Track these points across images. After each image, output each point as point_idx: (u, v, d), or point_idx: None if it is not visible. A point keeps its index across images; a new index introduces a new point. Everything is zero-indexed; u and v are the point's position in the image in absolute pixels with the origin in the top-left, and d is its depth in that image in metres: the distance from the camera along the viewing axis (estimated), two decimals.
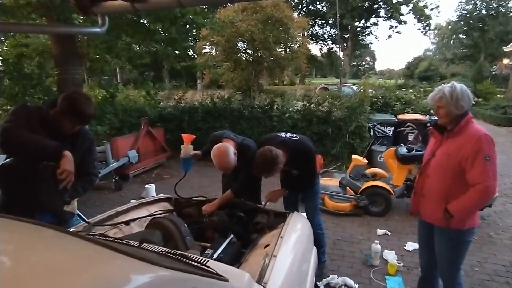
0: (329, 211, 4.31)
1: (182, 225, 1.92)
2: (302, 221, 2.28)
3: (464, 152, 1.82)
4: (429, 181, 2.03)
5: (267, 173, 2.26)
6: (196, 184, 6.01)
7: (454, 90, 1.86)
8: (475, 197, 1.81)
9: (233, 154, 2.38)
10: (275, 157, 2.23)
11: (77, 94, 1.88)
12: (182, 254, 1.28)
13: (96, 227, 2.09)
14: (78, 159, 1.97)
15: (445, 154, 1.92)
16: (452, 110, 1.87)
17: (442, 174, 1.95)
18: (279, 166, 2.27)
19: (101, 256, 0.95)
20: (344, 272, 3.01)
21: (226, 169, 2.43)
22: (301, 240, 2.03)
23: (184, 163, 2.68)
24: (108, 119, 7.19)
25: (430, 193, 2.03)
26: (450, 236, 1.98)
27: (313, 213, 2.79)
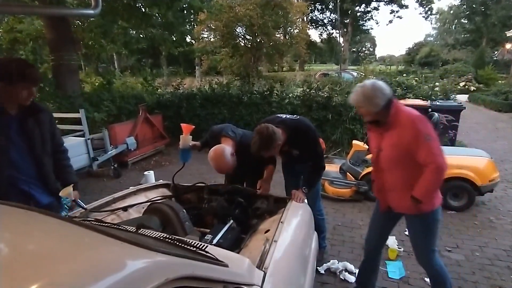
0: (329, 197, 4.29)
1: (180, 211, 1.89)
2: (303, 206, 2.24)
3: (405, 139, 1.84)
4: (387, 175, 2.04)
5: (265, 151, 2.18)
6: (196, 171, 5.97)
7: (365, 89, 1.88)
8: (431, 177, 1.83)
9: (230, 155, 2.29)
10: (272, 134, 2.16)
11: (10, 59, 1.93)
12: (180, 239, 1.24)
13: (93, 213, 2.05)
14: (50, 133, 2.07)
15: (390, 147, 1.93)
16: (371, 109, 1.90)
17: (397, 165, 1.96)
18: (277, 143, 2.19)
19: (94, 242, 0.90)
20: (344, 257, 3.00)
21: (224, 171, 2.38)
22: (302, 226, 1.99)
23: (183, 154, 2.63)
24: (105, 106, 7.09)
25: (393, 186, 2.03)
26: (423, 220, 2.01)
27: (314, 199, 2.76)
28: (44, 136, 2.04)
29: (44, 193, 2.06)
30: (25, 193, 1.96)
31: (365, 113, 1.96)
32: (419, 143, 1.80)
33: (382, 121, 1.94)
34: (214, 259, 1.14)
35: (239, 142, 2.46)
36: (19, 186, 1.94)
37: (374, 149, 2.10)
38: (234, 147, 2.39)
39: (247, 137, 2.55)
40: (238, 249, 1.75)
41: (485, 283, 2.65)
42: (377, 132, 2.05)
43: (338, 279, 2.73)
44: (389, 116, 1.90)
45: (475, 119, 10.54)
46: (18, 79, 1.76)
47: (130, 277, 0.69)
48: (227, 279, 1.10)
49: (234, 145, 2.40)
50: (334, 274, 2.78)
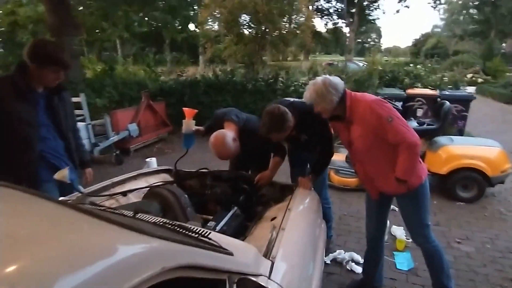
0: (335, 186, 4.19)
1: (182, 196, 1.79)
2: (311, 193, 2.14)
3: (370, 127, 1.81)
4: (367, 165, 1.99)
5: (275, 132, 2.06)
6: (199, 159, 5.86)
7: (317, 87, 1.85)
8: (407, 155, 1.79)
9: (232, 141, 2.17)
10: (284, 113, 2.05)
11: (44, 42, 1.92)
12: (180, 225, 1.14)
13: (91, 197, 1.96)
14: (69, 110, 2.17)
15: (359, 138, 1.89)
16: (326, 107, 1.87)
17: (372, 154, 1.91)
18: (288, 124, 2.08)
19: (84, 225, 0.80)
20: (351, 248, 2.91)
21: (226, 157, 2.24)
22: (310, 213, 1.89)
23: (186, 140, 2.52)
24: (107, 91, 6.99)
25: (376, 173, 1.99)
26: (413, 195, 1.96)
27: (320, 187, 2.65)
28: (67, 113, 2.14)
29: (71, 169, 2.09)
30: (55, 168, 1.99)
31: (322, 110, 1.91)
32: (384, 127, 1.77)
33: (342, 116, 1.90)
34: (218, 247, 1.04)
35: (243, 126, 2.34)
36: (50, 161, 2.01)
37: (345, 143, 2.04)
38: (237, 132, 2.27)
39: (252, 121, 2.43)
40: (243, 237, 1.66)
41: (497, 275, 2.56)
42: (342, 127, 2.00)
43: (344, 270, 2.64)
44: (346, 110, 1.86)
45: (483, 111, 10.31)
46: (51, 62, 1.83)
47: (118, 265, 0.59)
48: (232, 268, 1.00)
49: (237, 130, 2.29)
50: (340, 265, 2.70)
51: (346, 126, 1.94)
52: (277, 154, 2.40)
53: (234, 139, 2.19)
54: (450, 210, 3.62)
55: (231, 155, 2.22)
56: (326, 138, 2.32)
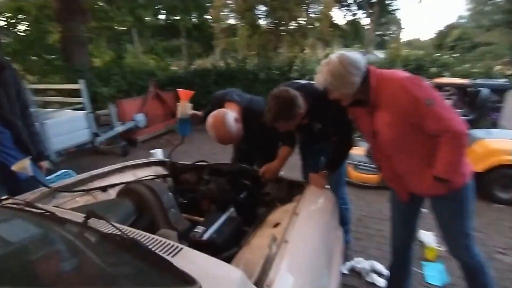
0: (353, 183, 3.77)
1: (164, 194, 1.45)
2: (324, 192, 1.76)
3: (402, 112, 1.42)
4: (395, 160, 1.59)
5: (283, 120, 1.69)
6: (208, 151, 5.59)
7: (333, 68, 1.44)
8: (450, 149, 1.40)
9: (234, 121, 1.84)
10: (294, 98, 1.67)
11: None
12: (133, 241, 0.79)
13: (61, 193, 1.65)
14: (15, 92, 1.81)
15: (387, 127, 1.49)
16: (345, 91, 1.48)
17: (403, 146, 1.51)
18: (298, 111, 1.70)
19: None
20: (371, 255, 2.52)
21: (226, 141, 1.89)
22: (323, 218, 1.51)
23: (181, 125, 2.19)
24: (115, 81, 6.76)
25: (407, 170, 1.59)
26: (454, 198, 1.56)
27: (337, 184, 2.26)
28: (10, 96, 1.79)
29: None
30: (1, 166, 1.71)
31: (340, 97, 1.53)
32: (421, 112, 1.38)
33: (364, 99, 1.50)
34: (178, 274, 0.68)
35: (246, 107, 2.00)
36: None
37: (368, 134, 1.63)
38: (240, 113, 1.93)
39: (257, 102, 2.06)
40: (238, 248, 1.31)
41: None
42: (363, 114, 1.59)
43: (364, 282, 2.25)
44: (370, 92, 1.46)
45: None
46: None
47: None
48: None
49: (240, 111, 1.95)
50: (359, 275, 2.31)
51: (369, 113, 1.54)
52: (286, 142, 2.04)
53: (236, 119, 1.86)
54: (488, 213, 3.14)
55: (233, 138, 1.88)
56: (344, 127, 1.92)
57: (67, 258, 0.91)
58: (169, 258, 0.82)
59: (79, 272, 0.80)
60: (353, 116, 1.73)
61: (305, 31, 15.74)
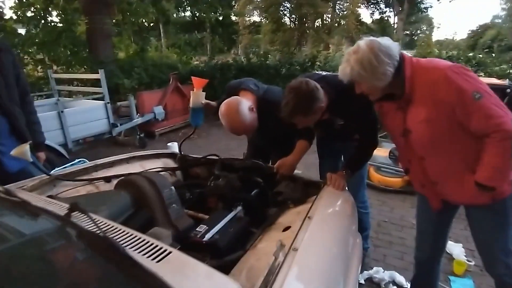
0: (374, 186, 3.55)
1: (165, 188, 1.33)
2: (343, 195, 1.59)
3: (443, 106, 1.21)
4: (429, 162, 1.38)
5: (302, 115, 1.54)
6: (224, 146, 5.50)
7: (363, 56, 1.23)
8: (500, 152, 1.19)
9: (249, 110, 1.72)
10: (314, 90, 1.51)
11: None
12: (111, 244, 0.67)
13: (62, 182, 1.58)
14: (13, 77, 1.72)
15: (423, 124, 1.29)
16: (376, 84, 1.27)
17: (440, 146, 1.31)
18: (318, 105, 1.55)
19: None
20: (391, 264, 2.32)
21: (240, 131, 1.77)
22: (341, 224, 1.35)
23: (194, 115, 2.08)
24: (137, 73, 6.79)
25: (443, 175, 1.37)
26: (499, 209, 1.35)
27: (357, 186, 2.09)
28: (8, 82, 1.69)
29: None
30: None
31: (369, 90, 1.33)
32: (467, 107, 1.17)
33: (399, 93, 1.31)
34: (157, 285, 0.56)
35: (262, 97, 1.87)
36: None
37: (397, 133, 1.42)
38: (255, 103, 1.80)
39: (274, 93, 1.92)
40: (242, 251, 1.18)
41: None
42: (395, 108, 1.38)
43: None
44: (405, 84, 1.26)
45: None
46: None
47: None
48: None
49: (255, 100, 1.83)
50: (377, 286, 2.13)
51: (400, 108, 1.35)
52: (303, 137, 1.89)
53: (251, 108, 1.73)
54: None
55: (247, 128, 1.75)
56: (369, 123, 1.74)
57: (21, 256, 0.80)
58: (152, 264, 0.70)
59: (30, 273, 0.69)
60: (380, 112, 1.55)
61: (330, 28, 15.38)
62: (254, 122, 1.75)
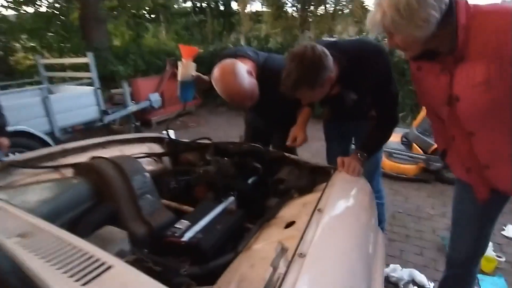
0: (385, 174, 3.25)
1: (137, 174, 1.05)
2: (359, 181, 1.31)
3: (508, 65, 0.89)
4: (480, 140, 1.08)
5: (307, 87, 1.24)
6: (223, 134, 5.23)
7: None
8: None
9: (247, 74, 1.43)
10: (322, 57, 1.21)
11: None
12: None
13: (19, 169, 1.31)
14: None
15: (480, 88, 0.97)
16: (414, 33, 0.95)
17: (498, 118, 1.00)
18: (327, 76, 1.25)
19: None
20: (410, 261, 2.05)
21: (238, 97, 1.46)
22: (358, 218, 1.07)
23: (183, 89, 1.80)
24: (132, 60, 6.48)
25: (498, 156, 1.07)
26: None
27: (372, 172, 1.80)
28: None
29: None
30: None
31: (405, 43, 1.00)
32: None
33: (443, 49, 1.00)
34: None
35: (263, 66, 1.57)
36: None
37: (438, 101, 1.12)
38: (254, 72, 1.51)
39: (276, 61, 1.62)
40: (233, 254, 0.90)
41: None
42: (437, 70, 1.07)
43: None
44: (457, 36, 0.95)
45: None
46: None
47: None
48: None
49: (254, 69, 1.53)
50: (395, 287, 1.86)
51: (445, 69, 1.04)
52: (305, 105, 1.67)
53: (250, 72, 1.46)
54: None
55: (246, 95, 1.45)
56: (389, 97, 1.44)
57: None
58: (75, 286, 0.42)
59: None
60: (415, 76, 1.23)
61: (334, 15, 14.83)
62: (254, 89, 1.47)
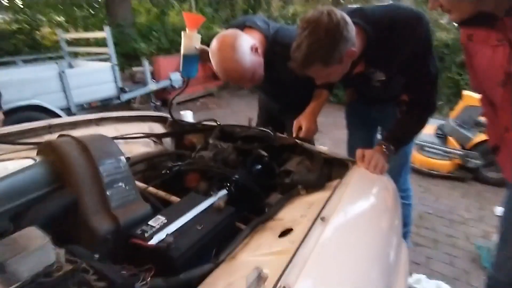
0: (415, 169, 2.95)
1: (107, 158, 0.88)
2: (381, 180, 1.07)
3: None
4: None
5: (322, 63, 1.00)
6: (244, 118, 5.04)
7: None
8: None
9: (251, 49, 1.21)
10: (340, 24, 0.96)
11: None
12: None
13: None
14: None
15: None
16: None
17: None
18: (347, 47, 0.99)
19: None
20: (438, 272, 1.80)
21: (235, 76, 1.25)
22: (375, 227, 0.84)
23: (186, 63, 1.58)
24: (156, 37, 6.36)
25: None
26: None
27: (400, 167, 1.55)
28: None
29: None
30: None
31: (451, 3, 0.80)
32: None
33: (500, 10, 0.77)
34: None
35: (273, 38, 1.34)
36: None
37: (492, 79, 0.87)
38: (262, 45, 1.29)
39: (289, 33, 1.37)
40: (211, 265, 0.71)
41: None
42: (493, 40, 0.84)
43: None
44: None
45: None
46: None
47: None
48: None
49: (263, 42, 1.31)
50: None
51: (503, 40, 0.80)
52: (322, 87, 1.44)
53: (255, 48, 1.22)
54: None
55: (246, 74, 1.24)
56: (427, 77, 1.16)
57: None
58: None
59: None
60: (466, 47, 0.96)
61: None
62: (257, 68, 1.25)
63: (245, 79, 1.25)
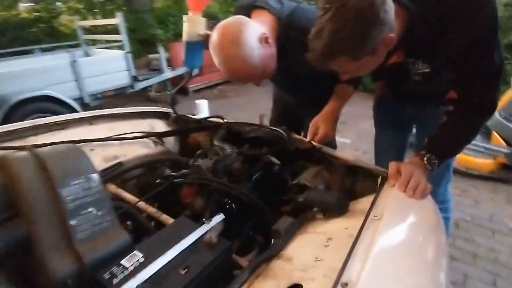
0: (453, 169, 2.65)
1: (73, 178, 0.70)
2: (424, 205, 0.84)
3: None
4: None
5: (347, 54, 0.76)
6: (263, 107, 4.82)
7: None
8: None
9: (259, 41, 0.99)
10: (374, 4, 0.72)
11: None
12: None
13: None
14: None
15: None
16: None
17: None
18: (383, 33, 0.75)
19: None
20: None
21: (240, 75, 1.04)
22: (421, 267, 0.63)
23: (189, 52, 1.39)
24: (173, 23, 6.20)
25: None
26: None
27: (439, 177, 1.30)
28: None
29: None
30: None
31: None
32: None
33: None
34: None
35: (288, 20, 1.10)
36: None
37: None
38: (274, 30, 1.07)
39: (305, 13, 1.12)
40: None
41: None
42: None
43: None
44: None
45: None
46: None
47: None
48: None
49: (275, 26, 1.09)
50: None
51: None
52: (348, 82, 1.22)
53: (264, 38, 1.00)
54: None
55: (252, 72, 1.02)
56: (487, 71, 0.89)
57: None
58: None
59: None
60: None
61: None
62: (269, 61, 1.03)
63: (255, 78, 1.04)
